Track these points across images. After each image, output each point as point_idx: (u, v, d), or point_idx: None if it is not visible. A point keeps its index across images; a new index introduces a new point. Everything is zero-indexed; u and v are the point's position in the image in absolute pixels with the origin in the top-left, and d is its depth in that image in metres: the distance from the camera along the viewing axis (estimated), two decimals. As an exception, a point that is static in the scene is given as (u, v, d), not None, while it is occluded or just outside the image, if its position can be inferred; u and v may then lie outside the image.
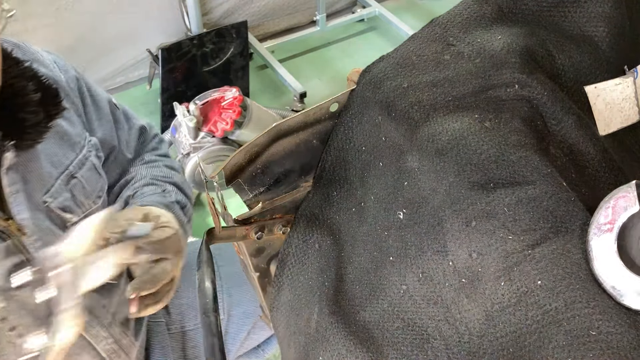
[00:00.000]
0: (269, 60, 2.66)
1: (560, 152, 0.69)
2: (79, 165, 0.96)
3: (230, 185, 0.75)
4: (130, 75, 2.65)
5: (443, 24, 0.76)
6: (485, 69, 0.71)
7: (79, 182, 0.96)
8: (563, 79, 0.74)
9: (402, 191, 0.69)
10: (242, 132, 2.00)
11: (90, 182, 0.98)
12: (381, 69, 0.75)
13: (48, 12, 2.19)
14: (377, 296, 0.68)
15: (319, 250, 0.78)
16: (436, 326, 0.63)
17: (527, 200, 0.60)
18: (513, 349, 0.57)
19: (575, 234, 0.58)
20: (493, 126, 0.66)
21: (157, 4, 2.46)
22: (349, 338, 0.67)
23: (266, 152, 0.75)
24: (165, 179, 1.12)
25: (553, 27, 0.76)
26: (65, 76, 0.99)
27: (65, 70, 1.01)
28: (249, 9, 2.70)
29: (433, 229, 0.63)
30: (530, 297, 0.56)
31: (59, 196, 0.93)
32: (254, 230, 0.78)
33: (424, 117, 0.69)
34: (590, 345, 0.52)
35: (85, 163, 0.97)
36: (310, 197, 0.80)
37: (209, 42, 2.39)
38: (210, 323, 0.68)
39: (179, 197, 1.09)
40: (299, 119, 0.75)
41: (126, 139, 1.13)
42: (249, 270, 0.86)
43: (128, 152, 1.13)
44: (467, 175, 0.63)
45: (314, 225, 0.79)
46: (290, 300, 0.79)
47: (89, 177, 0.97)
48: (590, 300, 0.54)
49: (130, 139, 1.14)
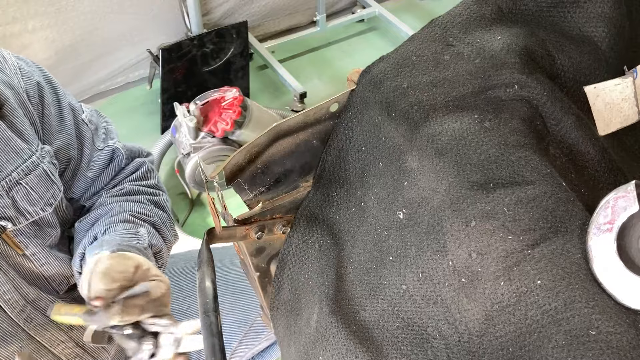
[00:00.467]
0: (269, 60, 2.66)
1: (559, 152, 0.69)
2: (26, 172, 0.93)
3: (231, 185, 0.75)
4: (131, 75, 2.65)
5: (443, 24, 0.76)
6: (485, 69, 0.71)
7: (23, 189, 0.93)
8: (562, 79, 0.74)
9: (401, 191, 0.69)
10: (242, 132, 2.00)
11: (38, 188, 0.95)
12: (381, 69, 0.75)
13: (48, 12, 2.19)
14: (377, 296, 0.68)
15: (319, 250, 0.78)
16: (436, 326, 0.63)
17: (527, 200, 0.60)
18: (513, 348, 0.57)
19: (574, 234, 0.59)
20: (493, 126, 0.66)
21: (157, 4, 2.46)
22: (349, 338, 0.67)
23: (266, 152, 0.75)
24: (144, 216, 1.07)
25: (553, 28, 0.76)
26: (25, 83, 0.97)
27: (28, 77, 0.99)
28: (249, 9, 2.70)
29: (433, 229, 0.63)
30: (529, 297, 0.56)
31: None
32: (254, 230, 0.78)
33: (423, 118, 0.69)
34: (589, 344, 0.52)
35: (34, 170, 0.94)
36: (310, 197, 0.80)
37: (209, 42, 2.39)
38: (210, 323, 0.68)
39: (154, 241, 1.05)
40: (299, 119, 0.75)
41: (89, 157, 1.07)
42: (249, 270, 0.86)
43: (89, 170, 1.08)
44: (466, 175, 0.63)
45: (314, 225, 0.79)
46: (290, 300, 0.79)
47: (36, 183, 0.94)
48: (589, 299, 0.54)
49: (96, 158, 1.08)
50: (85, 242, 1.00)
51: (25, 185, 0.93)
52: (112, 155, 1.10)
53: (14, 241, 0.95)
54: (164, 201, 1.15)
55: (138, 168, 1.14)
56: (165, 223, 1.11)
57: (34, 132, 0.97)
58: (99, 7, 2.32)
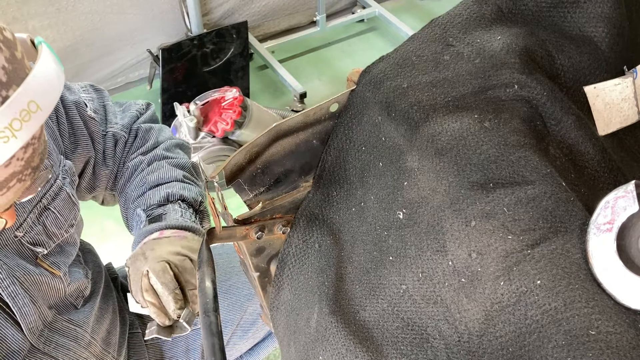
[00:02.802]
0: (269, 60, 2.66)
1: (559, 152, 0.69)
2: (53, 197, 0.93)
3: (231, 185, 0.75)
4: (131, 75, 2.65)
5: (443, 24, 0.76)
6: (485, 69, 0.71)
7: (52, 214, 0.94)
8: (562, 79, 0.74)
9: (401, 191, 0.69)
10: (242, 132, 2.01)
11: (63, 212, 0.96)
12: (381, 69, 0.75)
13: (48, 12, 2.19)
14: (376, 296, 0.68)
15: (319, 250, 0.78)
16: (436, 326, 0.63)
17: (527, 200, 0.60)
18: (512, 348, 0.57)
19: (574, 234, 0.59)
20: (492, 126, 0.66)
21: (157, 5, 2.46)
22: (348, 338, 0.67)
23: (266, 152, 0.75)
24: (171, 178, 1.10)
25: (552, 28, 0.76)
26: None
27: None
28: (249, 9, 2.70)
29: (432, 229, 0.63)
30: (529, 297, 0.56)
31: (31, 230, 0.91)
32: (254, 230, 0.78)
33: (423, 118, 0.69)
34: (589, 344, 0.52)
35: (60, 194, 0.94)
36: (310, 197, 0.80)
37: (210, 42, 2.39)
38: (210, 323, 0.68)
39: (193, 194, 1.09)
40: (299, 119, 0.75)
41: (102, 149, 1.08)
42: (249, 270, 0.86)
43: (105, 165, 1.09)
44: (466, 175, 0.63)
45: (314, 225, 0.79)
46: (290, 300, 0.79)
47: (62, 207, 0.95)
48: (589, 299, 0.54)
49: (106, 147, 1.09)
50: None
51: (53, 210, 0.94)
52: (114, 141, 1.11)
53: (49, 265, 0.95)
54: (183, 158, 1.17)
55: (136, 136, 1.15)
56: (189, 169, 1.15)
57: (55, 147, 0.97)
58: (99, 7, 2.32)
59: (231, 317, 1.27)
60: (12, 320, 0.91)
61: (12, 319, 0.91)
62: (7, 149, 0.62)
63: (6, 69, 0.62)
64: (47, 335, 0.97)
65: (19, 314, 0.91)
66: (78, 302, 1.05)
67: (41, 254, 0.93)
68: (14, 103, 0.61)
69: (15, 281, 0.89)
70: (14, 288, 0.89)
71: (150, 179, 1.09)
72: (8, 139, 0.61)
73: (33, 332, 0.94)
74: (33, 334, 0.94)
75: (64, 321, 1.01)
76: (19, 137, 0.62)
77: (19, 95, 0.62)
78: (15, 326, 0.91)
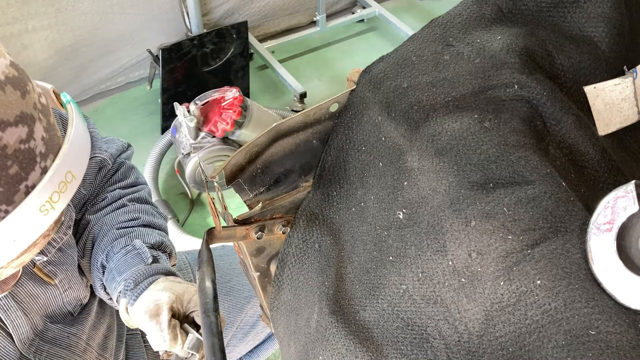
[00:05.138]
0: (269, 60, 2.66)
1: (559, 152, 0.69)
2: None
3: (231, 185, 0.75)
4: (131, 75, 2.65)
5: (443, 24, 0.76)
6: (485, 69, 0.71)
7: None
8: (562, 79, 0.74)
9: (401, 191, 0.69)
10: (243, 132, 2.00)
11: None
12: (381, 69, 0.75)
13: (48, 12, 2.19)
14: (376, 296, 0.68)
15: (319, 250, 0.78)
16: (436, 326, 0.63)
17: (527, 200, 0.60)
18: (512, 348, 0.57)
19: (574, 234, 0.59)
20: (492, 126, 0.66)
21: (157, 5, 2.46)
22: (348, 338, 0.67)
23: (266, 152, 0.75)
24: (133, 222, 1.06)
25: (552, 28, 0.76)
26: None
27: None
28: (249, 9, 2.70)
29: (432, 229, 0.63)
30: (529, 297, 0.56)
31: None
32: (254, 230, 0.78)
33: (423, 118, 0.69)
34: (589, 344, 0.52)
35: None
36: (310, 197, 0.80)
37: (209, 42, 2.39)
38: (210, 323, 0.68)
39: (153, 239, 1.04)
40: (299, 119, 0.75)
41: None
42: (249, 270, 0.86)
43: (83, 187, 1.06)
44: (466, 175, 0.63)
45: (314, 225, 0.79)
46: (290, 300, 0.79)
47: None
48: (589, 299, 0.54)
49: (88, 171, 1.04)
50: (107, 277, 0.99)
51: None
52: (100, 166, 1.08)
53: (45, 273, 0.95)
54: (146, 194, 1.14)
55: (118, 170, 1.12)
56: (153, 214, 1.10)
57: None
58: (99, 7, 2.32)
59: (231, 319, 1.27)
60: (4, 332, 0.92)
61: (4, 331, 0.92)
62: (45, 221, 0.64)
63: (45, 139, 0.63)
64: (37, 344, 0.97)
65: (11, 326, 0.91)
66: (75, 311, 1.05)
67: (39, 261, 0.93)
68: (55, 176, 0.63)
69: (7, 294, 0.88)
70: (6, 301, 0.90)
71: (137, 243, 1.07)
72: (48, 212, 0.63)
73: (24, 343, 0.95)
74: (24, 344, 0.95)
75: (57, 330, 1.00)
76: (56, 209, 0.64)
77: (58, 167, 0.63)
78: (7, 338, 0.92)
